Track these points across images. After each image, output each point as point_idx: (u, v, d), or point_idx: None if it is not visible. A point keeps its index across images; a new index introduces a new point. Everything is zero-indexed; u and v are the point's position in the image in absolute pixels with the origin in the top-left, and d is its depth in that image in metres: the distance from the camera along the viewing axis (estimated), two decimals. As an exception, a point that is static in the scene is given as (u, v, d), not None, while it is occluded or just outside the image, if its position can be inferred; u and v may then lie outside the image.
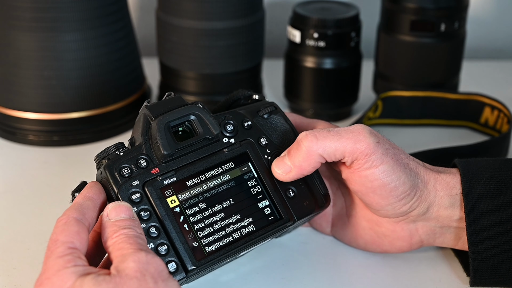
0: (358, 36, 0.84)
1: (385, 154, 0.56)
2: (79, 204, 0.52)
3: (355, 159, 0.56)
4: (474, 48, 1.11)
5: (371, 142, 0.56)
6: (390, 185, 0.56)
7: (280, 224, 0.57)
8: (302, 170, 0.57)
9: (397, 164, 0.56)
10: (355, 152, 0.56)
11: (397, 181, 0.56)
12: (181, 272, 0.53)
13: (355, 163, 0.56)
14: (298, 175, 0.57)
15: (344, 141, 0.56)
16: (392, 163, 0.56)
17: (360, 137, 0.56)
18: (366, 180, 0.56)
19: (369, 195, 0.57)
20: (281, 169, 0.58)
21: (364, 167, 0.56)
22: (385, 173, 0.56)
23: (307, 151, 0.56)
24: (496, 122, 0.83)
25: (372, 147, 0.56)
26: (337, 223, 0.64)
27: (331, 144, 0.56)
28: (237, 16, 0.81)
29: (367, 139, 0.56)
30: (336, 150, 0.56)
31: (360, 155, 0.56)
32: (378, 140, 0.56)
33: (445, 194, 0.58)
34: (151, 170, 0.55)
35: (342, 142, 0.56)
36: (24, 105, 0.80)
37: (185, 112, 0.57)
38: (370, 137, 0.56)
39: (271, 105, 0.62)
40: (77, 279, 0.46)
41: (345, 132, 0.56)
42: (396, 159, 0.57)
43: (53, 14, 0.77)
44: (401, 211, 0.58)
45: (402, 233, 0.60)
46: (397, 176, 0.56)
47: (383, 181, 0.56)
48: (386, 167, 0.56)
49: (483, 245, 0.57)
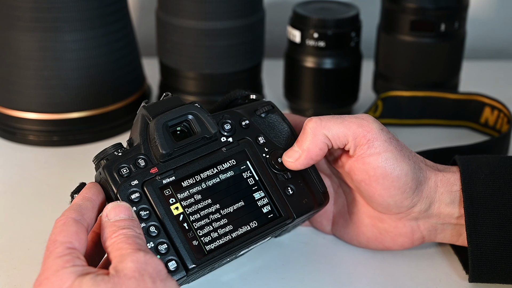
0: (358, 36, 0.84)
1: (389, 142, 0.57)
2: (78, 204, 0.52)
3: (358, 144, 0.57)
4: (474, 48, 1.10)
5: (375, 127, 0.57)
6: (392, 174, 0.56)
7: (280, 221, 0.57)
8: (310, 153, 0.58)
9: (401, 155, 0.57)
10: (358, 136, 0.57)
11: (400, 171, 0.56)
12: (181, 270, 0.53)
13: (358, 149, 0.57)
14: (307, 159, 0.58)
15: (348, 124, 0.57)
16: (395, 152, 0.57)
17: (364, 122, 0.57)
18: (369, 167, 0.57)
19: (371, 185, 0.57)
20: (291, 157, 0.58)
21: (367, 153, 0.56)
22: (388, 161, 0.56)
23: (312, 133, 0.57)
24: (496, 122, 0.83)
25: (375, 133, 0.57)
26: (338, 221, 0.64)
27: (335, 126, 0.57)
28: (237, 16, 0.81)
29: (370, 124, 0.57)
30: (339, 132, 0.57)
31: (363, 140, 0.56)
32: (382, 128, 0.57)
33: (445, 190, 0.58)
34: (150, 170, 0.55)
35: (346, 125, 0.57)
36: (24, 105, 0.81)
37: (183, 111, 0.57)
38: (374, 123, 0.57)
39: (268, 104, 0.62)
40: (76, 279, 0.46)
41: (349, 117, 0.58)
42: (399, 149, 0.57)
43: (53, 14, 0.77)
44: (402, 205, 0.58)
45: (404, 229, 0.60)
46: (400, 166, 0.56)
47: (386, 169, 0.56)
48: (389, 155, 0.56)
49: (482, 241, 0.57)
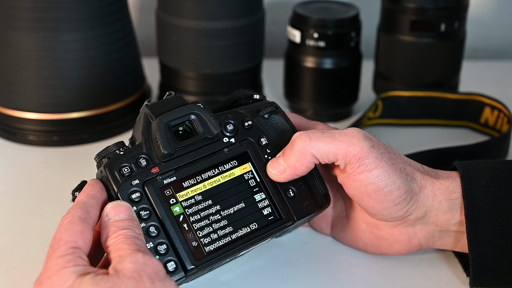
0: (358, 36, 0.84)
1: (380, 158, 0.56)
2: (83, 202, 0.52)
3: (348, 162, 0.56)
4: (474, 48, 1.10)
5: (365, 146, 0.56)
6: (384, 190, 0.56)
7: (280, 224, 0.57)
8: (295, 170, 0.57)
9: (392, 169, 0.56)
10: (348, 155, 0.56)
11: (392, 185, 0.56)
12: (180, 271, 0.53)
13: (348, 166, 0.56)
14: (292, 175, 0.57)
15: (338, 143, 0.56)
16: (387, 167, 0.56)
17: (354, 140, 0.56)
18: (361, 184, 0.56)
19: (364, 199, 0.57)
20: (275, 169, 0.57)
21: (358, 171, 0.56)
22: (379, 178, 0.55)
23: (300, 151, 0.56)
24: (496, 122, 0.83)
25: (366, 151, 0.55)
26: (336, 225, 0.64)
27: (324, 146, 0.56)
28: (237, 16, 0.81)
29: (360, 143, 0.56)
30: (328, 151, 0.56)
31: (353, 159, 0.55)
32: (372, 144, 0.56)
33: (443, 198, 0.58)
34: (151, 170, 0.55)
35: (336, 145, 0.56)
36: (24, 105, 0.80)
37: (185, 111, 0.56)
38: (364, 141, 0.56)
39: (272, 105, 0.62)
40: (76, 278, 0.46)
41: (339, 135, 0.56)
42: (391, 164, 0.56)
43: (53, 14, 0.77)
44: (397, 215, 0.57)
45: (400, 237, 0.60)
46: (392, 180, 0.56)
47: (377, 185, 0.56)
48: (380, 171, 0.55)
49: (483, 247, 0.56)
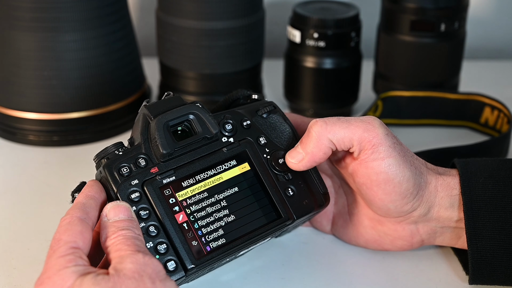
0: (358, 36, 0.84)
1: (393, 147, 0.56)
2: (82, 203, 0.52)
3: (363, 148, 0.56)
4: (474, 48, 1.10)
5: (380, 132, 0.56)
6: (394, 180, 0.56)
7: (280, 223, 0.57)
8: (313, 157, 0.57)
9: (403, 160, 0.56)
10: (363, 141, 0.56)
11: (402, 177, 0.56)
12: (180, 271, 0.53)
13: (362, 153, 0.57)
14: (311, 162, 0.58)
15: (353, 128, 0.56)
16: (398, 158, 0.56)
17: (370, 126, 0.56)
18: (372, 172, 0.56)
19: (373, 189, 0.57)
20: (294, 158, 0.58)
21: (371, 158, 0.56)
22: (391, 167, 0.56)
23: (317, 137, 0.57)
24: (496, 122, 0.83)
25: (381, 138, 0.56)
26: (338, 222, 0.64)
27: (340, 130, 0.56)
28: (237, 16, 0.81)
29: (376, 129, 0.56)
30: (345, 136, 0.56)
31: (368, 145, 0.56)
32: (387, 132, 0.57)
33: (445, 195, 0.58)
34: (150, 169, 0.55)
35: (351, 129, 0.56)
36: (24, 105, 0.80)
37: (184, 111, 0.57)
38: (380, 127, 0.57)
39: (270, 105, 0.62)
40: (77, 278, 0.46)
41: (355, 121, 0.57)
42: (402, 155, 0.57)
43: (53, 14, 0.77)
44: (402, 210, 0.58)
45: (403, 233, 0.60)
46: (402, 172, 0.56)
47: (388, 174, 0.56)
48: (392, 161, 0.56)
49: (482, 243, 0.57)
